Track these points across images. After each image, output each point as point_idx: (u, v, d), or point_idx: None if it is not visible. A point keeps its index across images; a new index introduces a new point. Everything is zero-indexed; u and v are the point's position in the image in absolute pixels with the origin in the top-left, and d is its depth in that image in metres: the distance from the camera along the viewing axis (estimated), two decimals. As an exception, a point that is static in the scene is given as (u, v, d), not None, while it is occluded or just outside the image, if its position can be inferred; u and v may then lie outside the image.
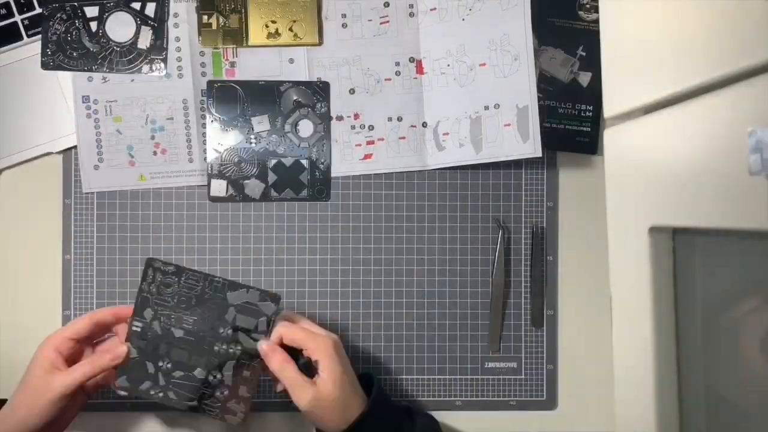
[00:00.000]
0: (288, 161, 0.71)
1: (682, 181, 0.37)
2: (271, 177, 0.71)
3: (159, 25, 0.70)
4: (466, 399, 0.73)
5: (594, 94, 0.73)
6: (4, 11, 0.69)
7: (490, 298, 0.72)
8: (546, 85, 0.73)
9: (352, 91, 0.72)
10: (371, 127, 0.72)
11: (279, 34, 0.70)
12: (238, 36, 0.70)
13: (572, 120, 0.73)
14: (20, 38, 0.70)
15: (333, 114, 0.72)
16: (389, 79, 0.72)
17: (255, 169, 0.71)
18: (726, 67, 0.33)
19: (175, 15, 0.70)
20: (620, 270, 0.46)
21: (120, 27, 0.70)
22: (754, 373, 0.41)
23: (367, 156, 0.72)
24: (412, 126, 0.72)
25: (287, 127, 0.71)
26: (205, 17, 0.70)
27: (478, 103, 0.70)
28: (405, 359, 0.73)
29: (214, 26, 0.70)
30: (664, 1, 0.39)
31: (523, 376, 0.73)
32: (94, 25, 0.70)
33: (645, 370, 0.43)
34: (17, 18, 0.69)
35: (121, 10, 0.70)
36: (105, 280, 0.71)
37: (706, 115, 0.35)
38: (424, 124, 0.71)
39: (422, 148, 0.72)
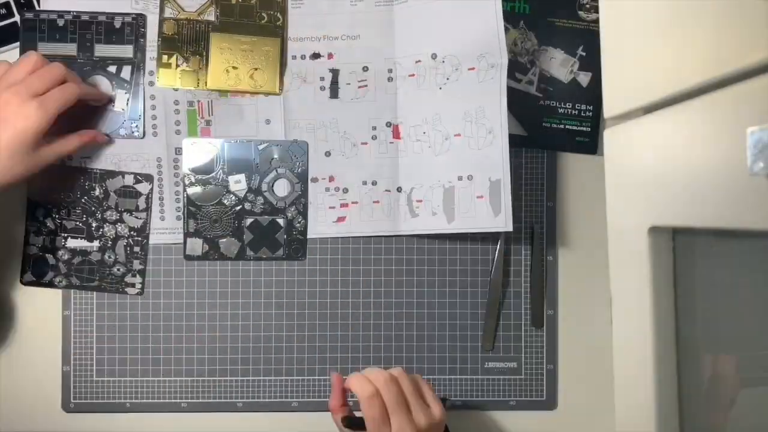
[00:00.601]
0: (264, 220, 0.71)
1: (682, 181, 0.37)
2: (247, 236, 0.71)
3: (135, 87, 0.70)
4: (465, 399, 0.73)
5: (594, 94, 0.73)
6: (4, 11, 0.69)
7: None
8: (546, 85, 0.73)
9: (327, 154, 0.71)
10: (345, 190, 0.72)
11: (239, 80, 0.70)
12: (196, 78, 0.70)
13: (572, 120, 0.73)
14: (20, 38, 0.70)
15: (309, 175, 0.71)
16: (365, 143, 0.71)
17: (231, 228, 0.71)
18: (726, 67, 0.33)
19: (150, 73, 0.70)
20: (620, 270, 0.46)
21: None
22: (754, 372, 0.41)
23: (341, 219, 0.72)
24: (386, 190, 0.71)
25: (264, 186, 0.71)
26: (165, 57, 0.70)
27: (451, 172, 0.69)
28: (405, 359, 0.73)
29: (173, 66, 0.70)
30: (665, 2, 0.39)
31: (522, 376, 0.73)
32: None
33: (645, 370, 0.43)
34: (17, 18, 0.69)
35: (97, 74, 0.70)
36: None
37: (706, 115, 0.35)
38: (399, 189, 0.71)
39: (396, 214, 0.71)
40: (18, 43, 0.69)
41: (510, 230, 0.68)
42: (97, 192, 0.70)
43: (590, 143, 0.73)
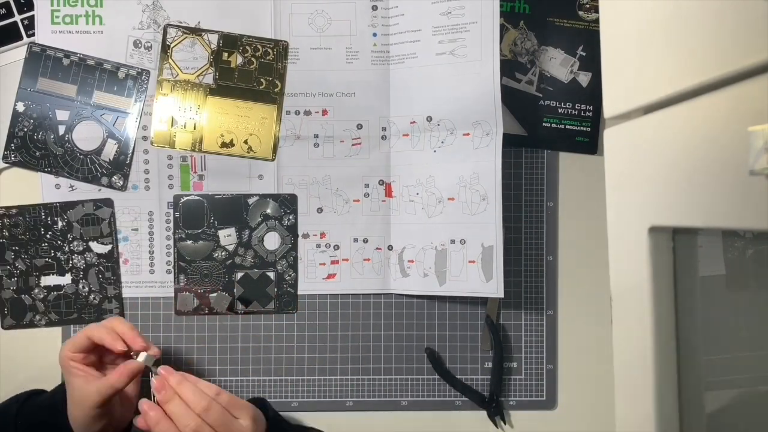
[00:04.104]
0: (255, 274, 0.71)
1: (682, 181, 0.37)
2: (238, 290, 0.71)
3: (125, 141, 0.70)
4: (465, 399, 0.73)
5: (594, 94, 0.73)
6: (3, 11, 0.69)
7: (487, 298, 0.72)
8: (546, 85, 0.73)
9: (319, 210, 0.71)
10: (336, 247, 0.72)
11: (233, 145, 0.70)
12: (191, 140, 0.70)
13: (572, 120, 0.73)
14: (20, 38, 0.70)
15: (300, 231, 0.72)
16: (357, 200, 0.72)
17: (221, 282, 0.71)
18: (726, 67, 0.33)
19: (144, 128, 0.70)
20: (620, 270, 0.46)
21: (87, 135, 0.70)
22: (753, 372, 0.41)
23: (331, 276, 0.72)
24: (377, 248, 0.72)
25: (254, 240, 0.71)
26: (161, 117, 0.70)
27: (444, 235, 0.69)
28: (405, 359, 0.73)
29: (168, 127, 0.70)
30: (664, 1, 0.39)
31: (522, 376, 0.73)
32: (62, 129, 0.70)
33: (645, 370, 0.43)
34: (17, 18, 0.70)
35: (91, 120, 0.70)
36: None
37: (706, 115, 0.35)
38: (390, 247, 0.71)
39: (386, 272, 0.72)
40: (17, 44, 0.70)
41: (501, 296, 0.68)
42: (59, 225, 0.70)
43: (590, 143, 0.73)
